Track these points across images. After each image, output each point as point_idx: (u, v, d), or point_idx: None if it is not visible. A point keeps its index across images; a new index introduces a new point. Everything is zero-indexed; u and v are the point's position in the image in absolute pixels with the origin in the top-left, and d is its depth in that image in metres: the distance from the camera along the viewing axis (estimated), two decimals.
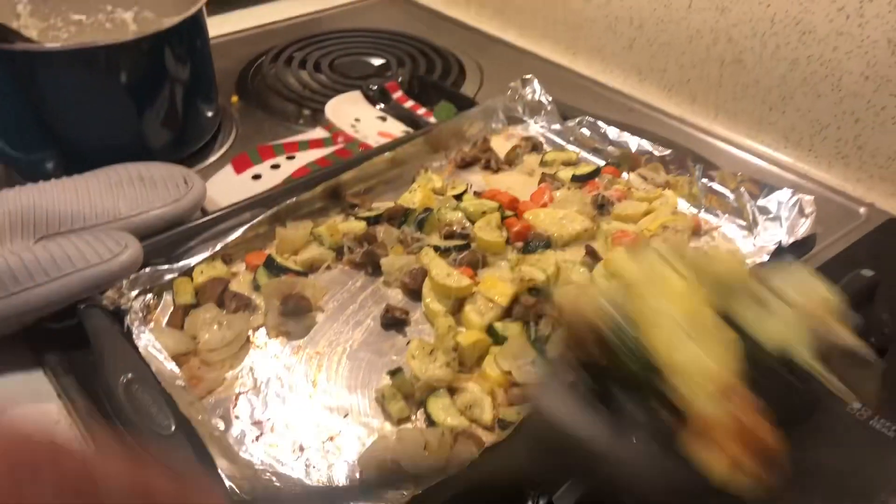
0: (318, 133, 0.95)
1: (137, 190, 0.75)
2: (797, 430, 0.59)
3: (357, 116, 0.98)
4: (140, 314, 0.67)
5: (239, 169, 0.88)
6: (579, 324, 0.42)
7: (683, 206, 0.84)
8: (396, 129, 0.96)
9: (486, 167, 0.90)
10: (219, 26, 1.26)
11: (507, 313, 0.69)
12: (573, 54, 1.19)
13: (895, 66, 0.84)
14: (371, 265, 0.75)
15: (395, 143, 0.88)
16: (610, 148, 0.91)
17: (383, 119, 0.99)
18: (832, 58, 0.89)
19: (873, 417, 0.61)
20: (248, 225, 0.75)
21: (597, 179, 0.87)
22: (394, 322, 0.69)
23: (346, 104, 1.00)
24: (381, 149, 0.87)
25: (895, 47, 0.83)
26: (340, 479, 0.56)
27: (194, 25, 0.87)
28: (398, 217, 0.80)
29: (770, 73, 0.96)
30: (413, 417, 0.61)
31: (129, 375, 0.58)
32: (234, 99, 1.06)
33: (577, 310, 0.42)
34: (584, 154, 0.92)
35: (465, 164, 0.90)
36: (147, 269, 0.69)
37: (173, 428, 0.55)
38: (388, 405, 0.61)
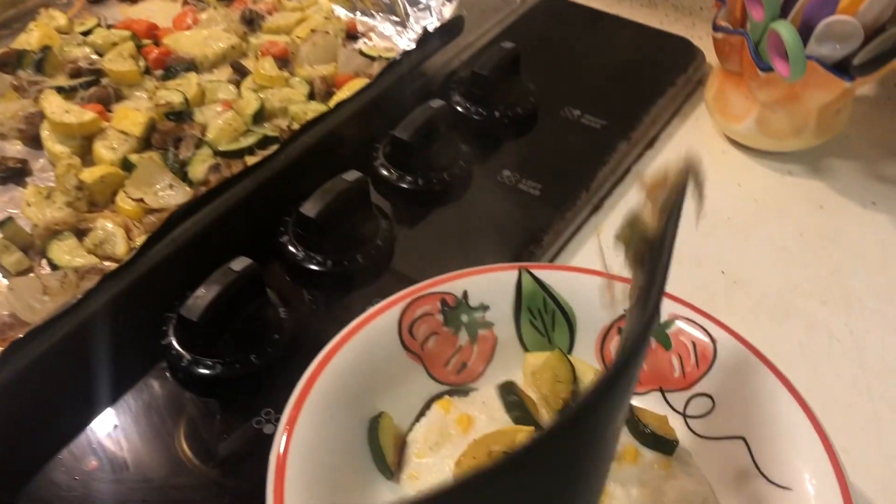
0: None
1: None
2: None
3: None
4: None
5: None
6: None
7: (340, 11, 0.80)
8: None
9: None
10: None
11: (146, 144, 0.63)
12: None
13: None
14: None
15: None
16: None
17: None
18: None
19: (520, 181, 0.63)
20: None
21: None
22: (10, 174, 0.61)
23: None
24: None
25: None
26: None
27: None
28: (12, 62, 0.69)
29: None
30: (36, 267, 0.54)
31: None
32: None
33: None
34: None
35: None
36: None
37: None
38: (2, 260, 0.53)
